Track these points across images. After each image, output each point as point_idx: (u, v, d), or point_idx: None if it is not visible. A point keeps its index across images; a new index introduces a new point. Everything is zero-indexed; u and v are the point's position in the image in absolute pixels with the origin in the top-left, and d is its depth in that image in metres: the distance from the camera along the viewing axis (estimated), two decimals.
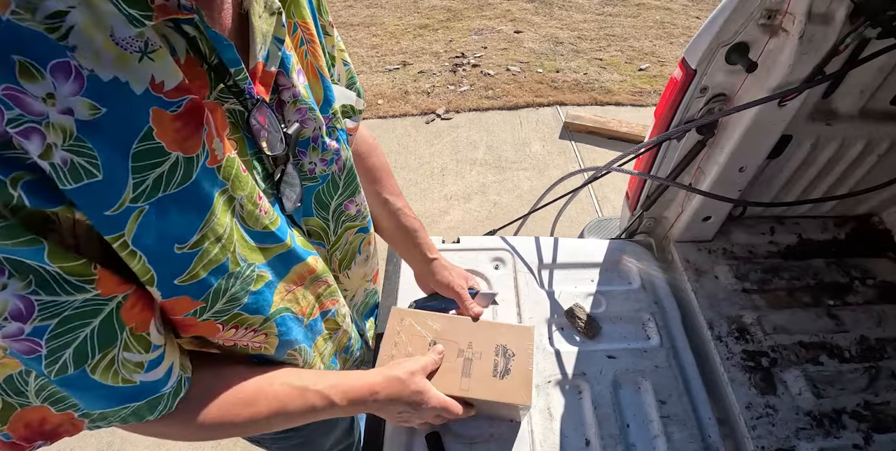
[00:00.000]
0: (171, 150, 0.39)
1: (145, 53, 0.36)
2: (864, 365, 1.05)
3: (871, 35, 0.87)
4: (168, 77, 0.38)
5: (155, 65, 0.37)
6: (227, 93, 0.46)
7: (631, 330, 1.08)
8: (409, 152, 2.98)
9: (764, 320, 1.11)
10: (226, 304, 0.49)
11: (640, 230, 1.35)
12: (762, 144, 1.02)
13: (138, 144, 0.37)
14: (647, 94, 3.42)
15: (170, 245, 0.42)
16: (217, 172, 0.44)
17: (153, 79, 0.37)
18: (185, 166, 0.40)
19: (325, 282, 0.65)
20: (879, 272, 1.23)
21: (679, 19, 4.38)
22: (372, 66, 3.81)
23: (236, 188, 0.46)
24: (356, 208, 0.71)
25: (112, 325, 0.41)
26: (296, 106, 0.55)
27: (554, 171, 2.82)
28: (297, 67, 0.55)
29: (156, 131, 0.38)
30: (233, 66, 0.45)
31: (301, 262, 0.58)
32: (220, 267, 0.47)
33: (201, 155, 0.42)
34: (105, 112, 0.35)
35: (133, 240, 0.39)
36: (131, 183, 0.38)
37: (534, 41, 4.03)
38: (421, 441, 0.87)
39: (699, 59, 0.95)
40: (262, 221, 0.51)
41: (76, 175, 0.35)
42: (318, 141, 0.59)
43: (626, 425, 0.93)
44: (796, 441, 0.93)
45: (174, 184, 0.40)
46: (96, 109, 0.34)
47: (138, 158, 0.37)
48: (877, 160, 1.17)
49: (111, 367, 0.42)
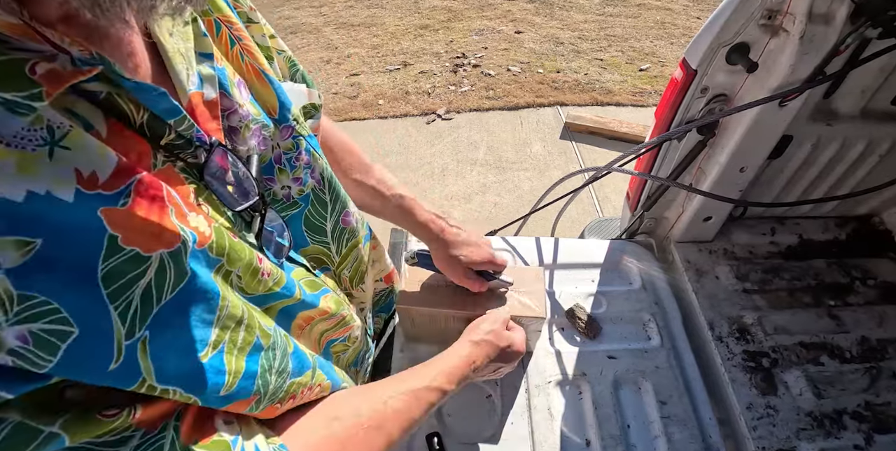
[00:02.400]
0: (151, 250, 0.31)
1: (54, 144, 0.27)
2: (865, 366, 1.04)
3: (872, 35, 0.87)
4: (97, 164, 0.28)
5: (73, 154, 0.27)
6: (170, 151, 0.36)
7: (632, 330, 1.07)
8: (409, 153, 2.99)
9: (765, 320, 1.11)
10: (277, 382, 0.43)
11: (640, 231, 1.34)
12: (763, 144, 1.02)
13: (105, 264, 0.28)
14: (647, 94, 3.42)
15: (194, 358, 0.35)
16: (210, 251, 0.36)
17: (79, 174, 0.27)
18: (173, 264, 0.32)
19: (340, 317, 0.60)
20: (880, 273, 1.22)
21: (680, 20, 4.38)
22: (373, 66, 3.82)
23: (233, 262, 0.39)
24: (353, 219, 0.64)
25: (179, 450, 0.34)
26: (249, 129, 0.46)
27: (554, 171, 2.82)
28: (235, 80, 0.46)
29: (121, 238, 0.29)
30: (171, 116, 0.35)
31: (312, 308, 0.53)
32: (253, 349, 0.40)
33: (187, 240, 0.33)
34: (41, 243, 0.26)
35: (158, 378, 0.32)
36: (115, 316, 0.29)
37: (534, 41, 4.03)
38: (421, 441, 0.87)
39: (700, 60, 0.95)
40: (266, 285, 0.44)
41: (50, 348, 0.26)
42: (281, 160, 0.51)
43: (627, 425, 0.93)
44: (797, 442, 0.93)
45: (168, 290, 0.32)
46: (26, 243, 0.25)
47: (110, 279, 0.29)
48: (878, 161, 1.17)
49: None
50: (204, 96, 0.40)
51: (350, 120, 3.26)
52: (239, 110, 0.45)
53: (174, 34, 0.39)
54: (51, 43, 0.27)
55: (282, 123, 0.51)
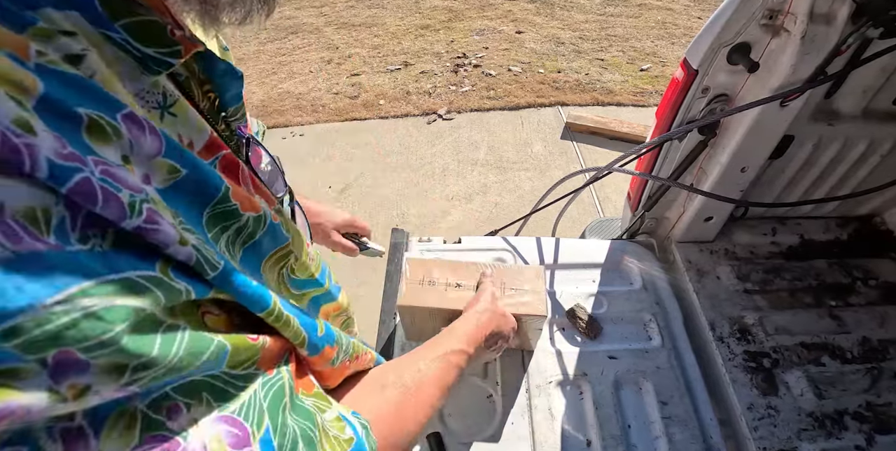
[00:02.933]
0: (245, 211, 0.33)
1: (165, 109, 0.29)
2: (867, 366, 1.04)
3: (874, 35, 0.87)
4: (195, 134, 0.31)
5: (177, 121, 0.30)
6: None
7: (632, 331, 1.07)
8: (410, 153, 2.99)
9: (766, 320, 1.11)
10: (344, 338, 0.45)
11: (641, 231, 1.34)
12: (764, 144, 1.02)
13: (213, 208, 0.30)
14: (648, 94, 3.42)
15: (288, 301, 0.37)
16: (282, 226, 0.38)
17: (180, 139, 0.30)
18: (252, 226, 0.35)
19: (348, 315, 0.63)
20: (882, 273, 1.22)
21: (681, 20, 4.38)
22: (373, 66, 3.82)
23: (295, 242, 0.41)
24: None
25: (295, 398, 0.35)
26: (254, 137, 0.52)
27: (555, 171, 2.82)
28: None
29: (232, 191, 0.31)
30: (235, 103, 0.38)
31: (333, 301, 0.56)
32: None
33: (267, 213, 0.36)
34: (185, 174, 0.27)
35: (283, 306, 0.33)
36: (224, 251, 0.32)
37: (535, 41, 4.03)
38: (421, 441, 0.87)
39: (701, 60, 0.95)
40: (310, 270, 0.47)
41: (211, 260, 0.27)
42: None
43: (628, 425, 0.93)
44: (798, 442, 0.93)
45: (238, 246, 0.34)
46: (176, 171, 0.27)
47: (211, 223, 0.31)
48: (879, 161, 1.17)
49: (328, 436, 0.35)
50: None
51: (351, 120, 3.26)
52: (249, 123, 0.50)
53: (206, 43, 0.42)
54: (173, 18, 0.30)
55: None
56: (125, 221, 0.22)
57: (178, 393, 0.26)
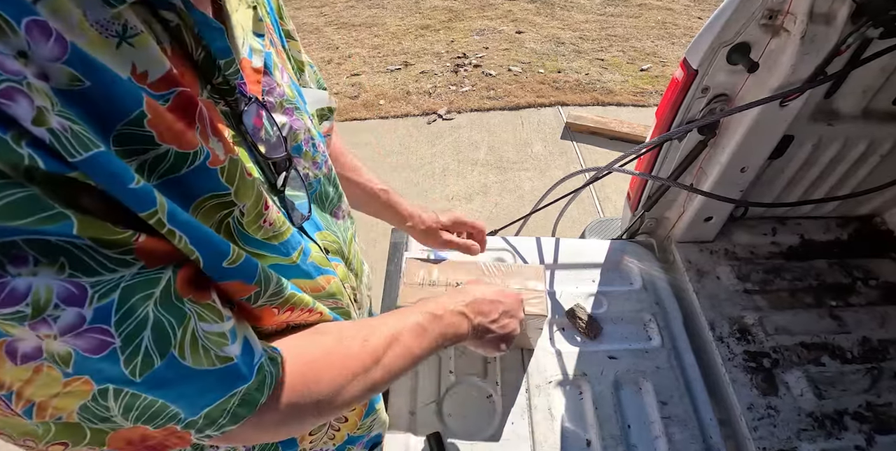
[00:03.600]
0: (162, 141, 0.33)
1: (123, 38, 0.31)
2: (867, 366, 1.04)
3: (873, 35, 0.87)
4: (151, 66, 0.33)
5: (135, 51, 0.32)
6: (216, 93, 0.41)
7: (632, 331, 1.07)
8: (410, 153, 2.99)
9: (766, 320, 1.11)
10: (276, 286, 0.44)
11: (641, 231, 1.34)
12: (764, 144, 1.02)
13: (123, 127, 0.31)
14: (648, 94, 3.42)
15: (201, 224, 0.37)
16: (220, 174, 0.37)
17: (134, 68, 0.32)
18: (174, 159, 0.34)
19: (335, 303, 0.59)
20: (882, 273, 1.22)
21: (681, 20, 4.38)
22: (374, 66, 3.82)
23: (240, 195, 0.40)
24: (343, 214, 0.67)
25: (170, 296, 0.34)
26: (283, 107, 0.51)
27: (555, 171, 2.82)
28: (278, 65, 0.51)
29: (149, 119, 0.32)
30: (222, 57, 0.39)
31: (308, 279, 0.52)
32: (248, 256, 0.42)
33: (200, 153, 0.35)
34: (89, 85, 0.29)
35: (169, 217, 0.33)
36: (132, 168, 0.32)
37: (535, 41, 4.03)
38: (421, 441, 0.87)
39: (701, 60, 0.95)
40: (263, 233, 0.44)
41: (82, 144, 0.28)
42: (308, 144, 0.55)
43: (628, 425, 0.93)
44: (798, 442, 0.93)
45: (156, 175, 0.34)
46: (78, 80, 0.28)
47: (120, 141, 0.31)
48: (879, 161, 1.17)
49: (197, 344, 0.35)
50: (252, 63, 0.45)
51: (351, 120, 3.26)
52: (277, 89, 0.50)
53: (238, 11, 0.44)
54: None
55: (306, 113, 0.56)
56: None
57: (31, 247, 0.27)
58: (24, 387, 0.31)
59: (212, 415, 0.38)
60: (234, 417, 0.39)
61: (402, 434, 0.88)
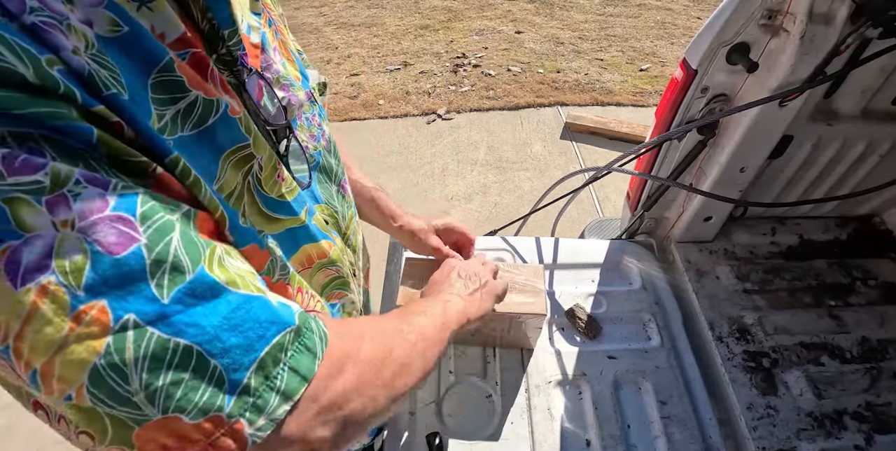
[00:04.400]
0: (191, 87, 0.35)
1: (143, 3, 0.33)
2: (866, 366, 1.04)
3: (873, 35, 0.87)
4: (168, 29, 0.35)
5: (153, 15, 0.34)
6: (220, 63, 0.43)
7: (632, 331, 1.07)
8: (409, 153, 2.99)
9: (765, 320, 1.11)
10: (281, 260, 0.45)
11: (640, 231, 1.34)
12: (763, 144, 1.02)
13: (157, 75, 0.33)
14: (647, 94, 3.42)
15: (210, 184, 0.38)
16: (240, 124, 0.40)
17: (153, 29, 0.34)
18: (202, 108, 0.36)
19: (336, 271, 0.61)
20: (881, 273, 1.22)
21: (680, 20, 4.38)
22: (373, 66, 3.82)
23: (257, 147, 0.42)
24: (348, 190, 0.68)
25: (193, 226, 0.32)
26: (279, 83, 0.53)
27: (555, 171, 2.82)
28: (272, 45, 0.54)
29: (177, 65, 0.34)
30: (226, 27, 0.41)
31: (313, 242, 0.54)
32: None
33: (221, 102, 0.38)
34: (127, 31, 0.31)
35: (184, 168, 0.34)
36: (155, 114, 0.33)
37: (535, 41, 4.03)
38: (421, 441, 0.87)
39: (700, 60, 0.95)
40: (279, 188, 0.47)
41: (106, 84, 0.29)
42: (303, 118, 0.58)
43: (627, 425, 0.93)
44: (797, 442, 0.93)
45: (189, 124, 0.36)
46: (118, 25, 0.31)
47: (158, 89, 0.33)
48: (878, 161, 1.17)
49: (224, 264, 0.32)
50: (250, 39, 0.47)
51: (350, 120, 3.26)
52: (273, 66, 0.52)
53: None
54: None
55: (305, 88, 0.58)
56: (24, 15, 0.26)
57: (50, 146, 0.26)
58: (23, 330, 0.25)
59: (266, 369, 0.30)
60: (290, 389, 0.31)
61: (402, 434, 0.88)
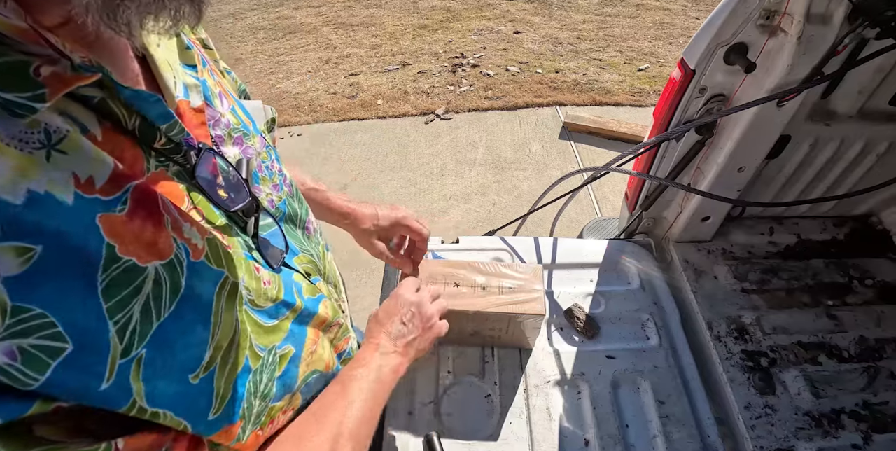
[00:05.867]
0: (145, 262, 0.30)
1: (51, 147, 0.27)
2: (863, 365, 1.05)
3: (870, 35, 0.88)
4: (94, 169, 0.29)
5: (69, 158, 0.27)
6: (161, 156, 0.37)
7: (630, 330, 1.08)
8: (408, 152, 2.99)
9: (763, 320, 1.11)
10: (260, 406, 0.43)
11: (639, 230, 1.35)
12: (761, 144, 1.03)
13: (105, 274, 0.28)
14: (646, 94, 3.42)
15: (185, 382, 0.34)
16: (208, 262, 0.36)
17: (76, 178, 0.27)
18: (168, 276, 0.32)
19: (338, 324, 0.60)
20: (878, 272, 1.23)
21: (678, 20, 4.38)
22: (371, 66, 3.81)
23: (233, 271, 0.38)
24: (313, 227, 0.65)
25: None
26: (231, 137, 0.47)
27: (553, 171, 2.82)
28: (216, 91, 0.48)
29: (118, 248, 0.29)
30: (164, 121, 0.35)
31: (314, 315, 0.53)
32: (242, 372, 0.39)
33: (180, 253, 0.33)
34: (40, 251, 0.25)
35: (148, 400, 0.30)
36: (114, 332, 0.28)
37: (533, 42, 4.04)
38: (420, 441, 0.87)
39: (698, 60, 0.95)
40: (270, 295, 0.44)
41: (37, 363, 0.25)
42: (262, 168, 0.52)
43: (626, 425, 0.93)
44: (795, 441, 0.93)
45: (165, 305, 0.32)
46: (27, 250, 0.24)
47: (112, 293, 0.28)
48: (875, 160, 1.18)
49: None
50: (190, 103, 0.42)
51: (349, 120, 3.26)
52: (222, 119, 0.46)
53: (161, 46, 0.40)
54: (53, 47, 0.27)
55: (257, 134, 0.53)
56: None
57: None
58: None
59: None
60: None
61: (401, 434, 0.88)
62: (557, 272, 1.18)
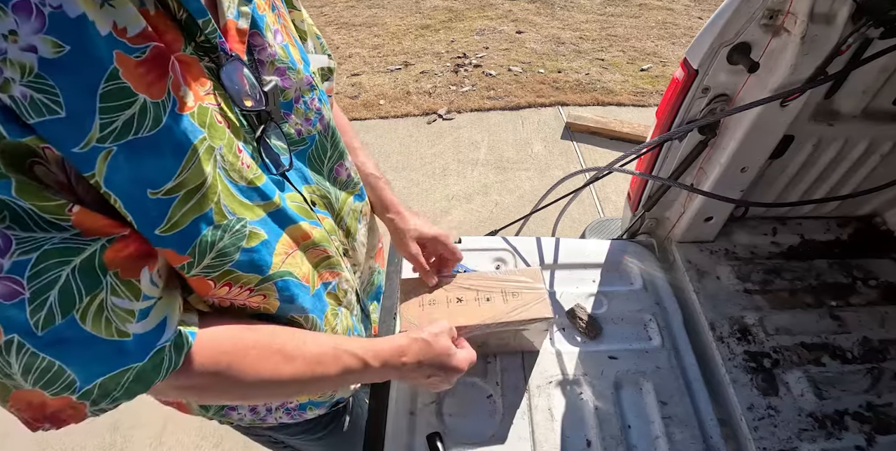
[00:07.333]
0: (138, 91, 0.38)
1: (106, 0, 0.36)
2: (867, 366, 1.04)
3: (874, 35, 0.87)
4: (130, 23, 0.38)
5: (115, 11, 0.37)
6: (199, 50, 0.45)
7: (632, 331, 1.07)
8: (410, 152, 2.99)
9: (766, 320, 1.11)
10: (214, 259, 0.48)
11: (641, 231, 1.34)
12: (764, 144, 1.02)
13: (105, 84, 0.37)
14: (648, 94, 3.42)
15: (142, 190, 0.41)
16: (192, 118, 0.43)
17: (115, 24, 0.37)
18: (153, 110, 0.40)
19: (324, 251, 0.63)
20: (882, 273, 1.22)
21: (681, 19, 4.38)
22: (374, 66, 3.82)
23: (213, 137, 0.45)
24: (346, 173, 0.70)
25: (93, 267, 0.39)
26: (274, 66, 0.55)
27: (555, 171, 2.82)
28: (273, 27, 0.55)
29: (122, 72, 0.37)
30: (199, 16, 0.43)
31: (293, 224, 0.57)
32: (202, 217, 0.45)
33: (167, 101, 0.41)
34: (69, 50, 0.34)
35: (105, 181, 0.38)
36: (98, 123, 0.37)
37: (535, 41, 4.03)
38: (421, 441, 0.87)
39: (701, 60, 0.95)
40: (245, 175, 0.49)
41: (37, 110, 0.34)
42: (300, 101, 0.59)
43: (628, 425, 0.93)
44: (798, 443, 0.93)
45: (146, 128, 0.39)
46: (60, 46, 0.34)
47: (107, 97, 0.37)
48: (879, 161, 1.17)
49: (101, 314, 0.40)
50: (237, 25, 0.49)
51: (351, 120, 3.26)
52: (268, 49, 0.54)
53: None
54: None
55: (306, 72, 0.60)
56: None
57: None
58: None
59: (106, 387, 0.42)
60: (127, 392, 0.44)
61: (403, 435, 0.88)
62: (560, 273, 1.18)
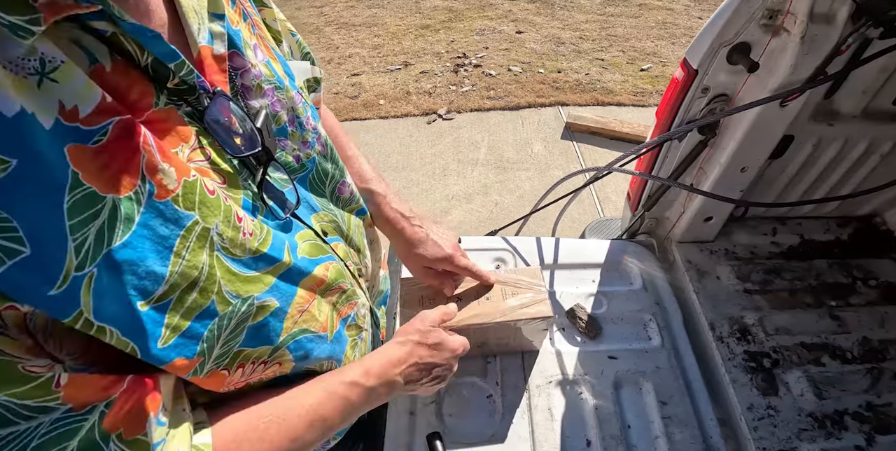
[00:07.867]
0: (105, 193, 0.32)
1: (43, 75, 0.29)
2: (867, 366, 1.04)
3: (874, 35, 0.87)
4: (81, 100, 0.31)
5: (60, 87, 0.29)
6: (174, 95, 0.39)
7: (632, 331, 1.07)
8: (410, 153, 2.99)
9: (766, 320, 1.11)
10: (222, 347, 0.43)
11: (641, 231, 1.34)
12: (764, 144, 1.02)
13: (71, 195, 0.30)
14: (648, 94, 3.42)
15: (133, 305, 0.35)
16: (176, 204, 0.36)
17: (62, 106, 0.30)
18: (124, 209, 0.33)
19: (339, 288, 0.59)
20: (882, 273, 1.22)
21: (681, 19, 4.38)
22: (374, 66, 3.82)
23: (207, 216, 0.39)
24: (348, 190, 0.65)
25: (94, 442, 0.33)
26: (262, 89, 0.49)
27: (555, 171, 2.82)
28: (251, 43, 0.49)
29: (82, 174, 0.30)
30: (170, 60, 0.37)
31: (307, 276, 0.52)
32: (204, 313, 0.40)
33: (142, 192, 0.34)
34: (16, 164, 0.27)
35: (95, 314, 0.32)
36: (71, 247, 0.30)
37: (535, 41, 4.04)
38: (421, 441, 0.87)
39: (701, 60, 0.95)
40: (249, 246, 0.44)
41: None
42: (294, 123, 0.53)
43: (628, 425, 0.93)
44: (798, 442, 0.93)
45: (118, 235, 0.33)
46: (4, 162, 0.27)
47: (74, 212, 0.30)
48: (879, 161, 1.17)
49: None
50: (213, 51, 0.43)
51: (351, 120, 3.26)
52: (252, 70, 0.48)
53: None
54: None
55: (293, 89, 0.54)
56: None
57: None
58: None
59: None
60: None
61: (403, 434, 0.88)
62: (559, 273, 1.18)
